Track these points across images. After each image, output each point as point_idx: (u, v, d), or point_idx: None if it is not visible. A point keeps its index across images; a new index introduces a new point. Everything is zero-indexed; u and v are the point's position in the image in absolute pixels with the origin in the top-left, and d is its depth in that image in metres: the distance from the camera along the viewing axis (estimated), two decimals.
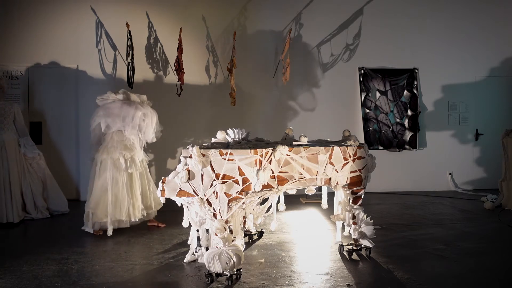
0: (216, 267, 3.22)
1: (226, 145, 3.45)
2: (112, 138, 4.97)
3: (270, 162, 3.35)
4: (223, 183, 3.19)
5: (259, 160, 3.26)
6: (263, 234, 4.73)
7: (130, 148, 4.97)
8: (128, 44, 6.75)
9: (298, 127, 7.16)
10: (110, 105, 5.00)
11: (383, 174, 7.52)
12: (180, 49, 6.81)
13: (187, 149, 3.28)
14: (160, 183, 3.35)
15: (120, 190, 4.84)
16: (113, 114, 4.94)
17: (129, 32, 6.76)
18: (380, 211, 6.10)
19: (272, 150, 3.36)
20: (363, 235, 3.95)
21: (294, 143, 3.80)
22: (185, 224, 3.70)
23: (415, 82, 7.90)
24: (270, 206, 3.75)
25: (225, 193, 3.21)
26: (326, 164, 3.73)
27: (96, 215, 4.80)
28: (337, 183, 3.85)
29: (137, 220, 4.96)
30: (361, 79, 7.77)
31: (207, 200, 3.23)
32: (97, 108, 5.13)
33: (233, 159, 3.22)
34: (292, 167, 3.53)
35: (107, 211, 4.78)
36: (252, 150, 3.25)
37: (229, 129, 3.83)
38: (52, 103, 6.97)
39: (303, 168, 3.59)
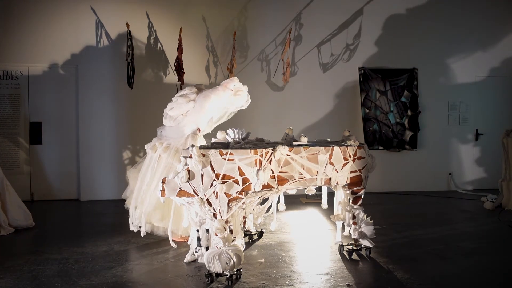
0: (216, 267, 3.22)
1: (226, 145, 3.44)
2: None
3: (270, 162, 3.35)
4: (223, 183, 3.19)
5: (259, 160, 3.26)
6: (263, 234, 4.73)
7: None
8: (128, 44, 6.76)
9: (298, 127, 7.17)
10: None
11: (383, 174, 7.52)
12: (180, 49, 6.82)
13: (187, 149, 3.28)
14: (160, 183, 3.35)
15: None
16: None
17: (129, 32, 6.76)
18: (380, 211, 6.10)
19: (272, 150, 3.36)
20: (363, 235, 3.95)
21: (294, 143, 3.80)
22: (185, 224, 3.70)
23: (415, 82, 7.90)
24: (270, 206, 3.76)
25: (225, 193, 3.20)
26: (326, 164, 3.72)
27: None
28: (337, 183, 3.85)
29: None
30: (361, 79, 7.76)
31: (207, 200, 3.23)
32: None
33: (233, 159, 3.22)
34: (292, 167, 3.53)
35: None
36: (252, 150, 3.25)
37: (229, 129, 3.82)
38: (52, 103, 6.97)
39: (303, 168, 3.59)
